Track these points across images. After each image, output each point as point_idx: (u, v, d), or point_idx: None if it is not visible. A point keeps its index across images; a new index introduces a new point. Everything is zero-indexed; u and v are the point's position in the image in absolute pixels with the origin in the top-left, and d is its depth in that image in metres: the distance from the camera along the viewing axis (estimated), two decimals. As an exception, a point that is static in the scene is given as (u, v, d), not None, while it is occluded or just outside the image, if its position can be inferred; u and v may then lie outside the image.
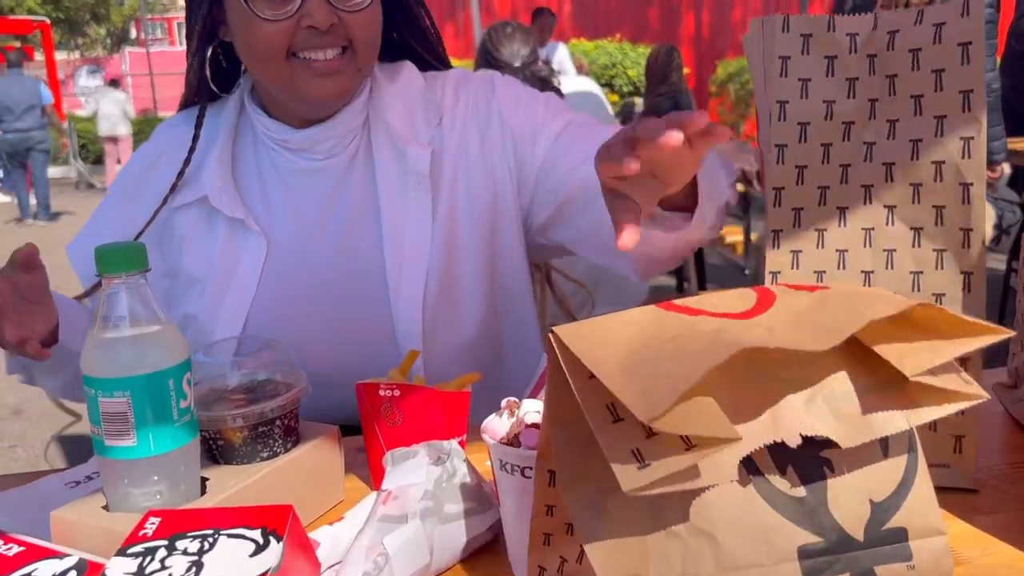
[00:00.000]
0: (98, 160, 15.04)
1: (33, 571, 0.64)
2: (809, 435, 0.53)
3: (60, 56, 18.15)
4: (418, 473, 0.71)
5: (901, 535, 0.54)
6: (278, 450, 0.78)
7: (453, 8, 9.74)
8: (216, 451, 0.77)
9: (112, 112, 12.22)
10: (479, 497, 0.72)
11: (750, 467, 0.53)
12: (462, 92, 1.13)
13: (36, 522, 0.80)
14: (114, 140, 12.33)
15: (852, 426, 0.54)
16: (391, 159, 1.08)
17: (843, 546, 0.52)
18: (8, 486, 0.91)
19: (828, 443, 0.54)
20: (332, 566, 0.70)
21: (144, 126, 12.69)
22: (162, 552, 0.57)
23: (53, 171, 13.46)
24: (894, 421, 0.54)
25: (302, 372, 0.82)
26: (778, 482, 0.53)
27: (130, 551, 0.58)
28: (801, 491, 0.53)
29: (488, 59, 2.72)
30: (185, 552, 0.57)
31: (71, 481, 0.90)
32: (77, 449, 3.31)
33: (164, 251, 1.11)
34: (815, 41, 0.77)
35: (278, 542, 0.58)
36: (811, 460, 0.54)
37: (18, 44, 17.34)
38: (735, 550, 0.51)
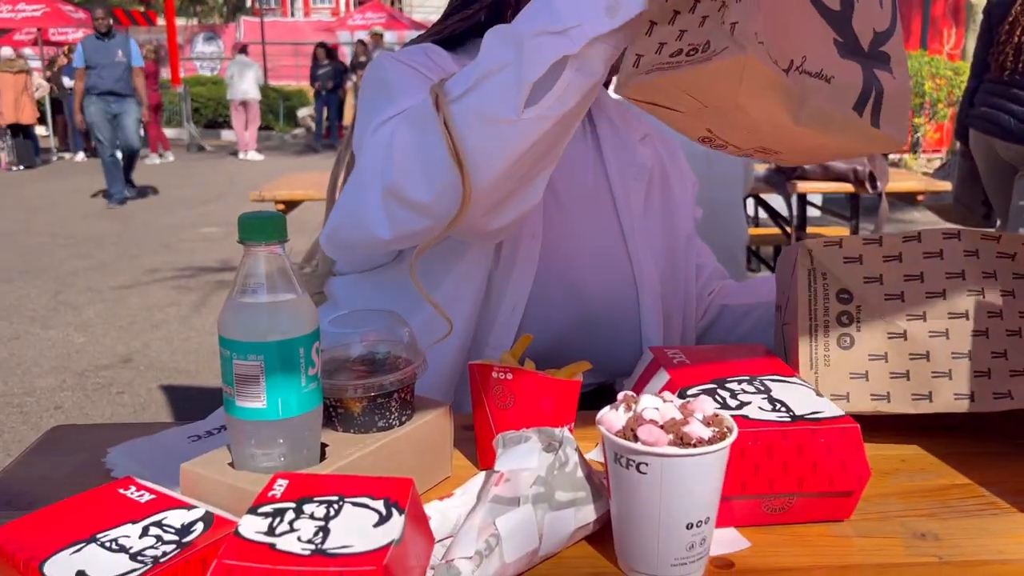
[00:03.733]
0: (209, 124, 15.64)
1: (163, 519, 0.67)
2: None
3: (178, 22, 18.84)
4: (531, 458, 0.72)
5: (887, 58, 0.76)
6: (393, 422, 0.80)
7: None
8: (335, 418, 0.79)
9: (244, 78, 12.70)
10: (589, 487, 0.73)
11: None
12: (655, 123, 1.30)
13: (160, 471, 0.84)
14: (244, 104, 12.81)
15: None
16: (616, 148, 1.19)
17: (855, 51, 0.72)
18: (131, 435, 0.96)
19: None
20: (440, 541, 0.71)
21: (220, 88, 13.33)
22: (290, 514, 0.60)
23: (166, 132, 14.09)
24: None
25: (421, 349, 0.83)
26: None
27: (260, 510, 0.60)
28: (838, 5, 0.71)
29: None
30: (312, 516, 0.59)
31: (193, 435, 0.94)
32: (178, 399, 3.47)
33: None
34: None
35: (400, 514, 0.59)
36: None
37: (142, 9, 18.08)
38: None
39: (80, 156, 12.74)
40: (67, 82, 12.75)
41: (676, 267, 1.23)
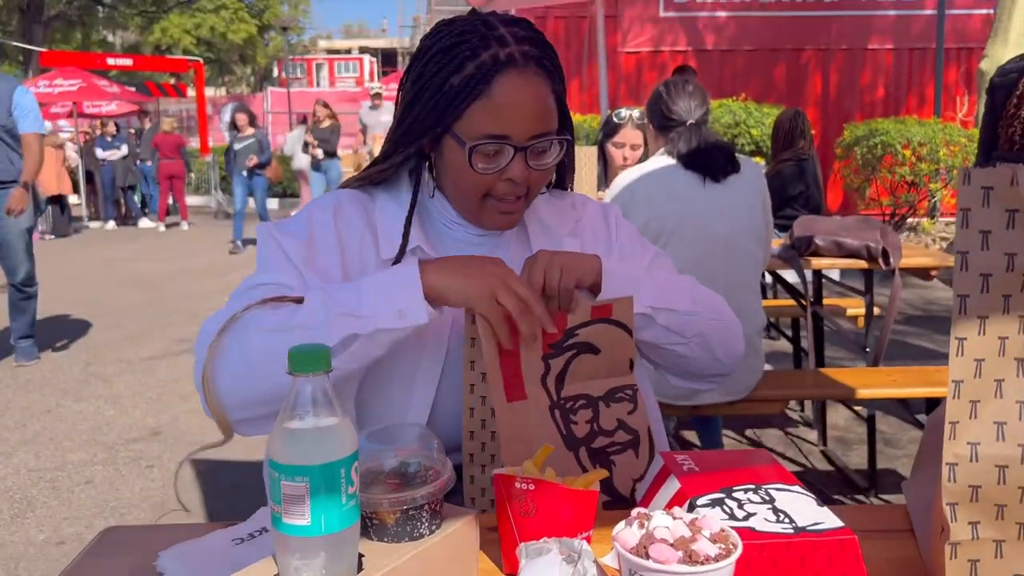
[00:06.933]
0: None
1: (215, 626, 0.74)
2: None
3: (207, 92, 19.42)
4: (551, 571, 0.78)
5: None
6: (424, 531, 0.86)
7: (579, 64, 9.93)
8: (371, 528, 0.86)
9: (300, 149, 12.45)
10: (606, 598, 0.78)
11: None
12: (588, 204, 1.37)
13: (205, 574, 0.91)
14: (304, 175, 12.76)
15: None
16: (546, 244, 1.27)
17: None
18: (178, 536, 1.02)
19: None
20: (468, 647, 0.77)
21: (283, 161, 13.36)
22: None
23: (194, 200, 14.45)
24: None
25: (449, 462, 0.90)
26: None
27: (308, 626, 0.67)
28: None
29: (661, 111, 2.57)
30: (355, 633, 0.65)
31: (237, 538, 1.01)
32: (207, 472, 3.51)
33: None
34: (995, 195, 0.79)
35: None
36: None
37: (173, 81, 18.65)
38: None
39: (111, 224, 13.08)
40: (100, 153, 13.20)
41: None
